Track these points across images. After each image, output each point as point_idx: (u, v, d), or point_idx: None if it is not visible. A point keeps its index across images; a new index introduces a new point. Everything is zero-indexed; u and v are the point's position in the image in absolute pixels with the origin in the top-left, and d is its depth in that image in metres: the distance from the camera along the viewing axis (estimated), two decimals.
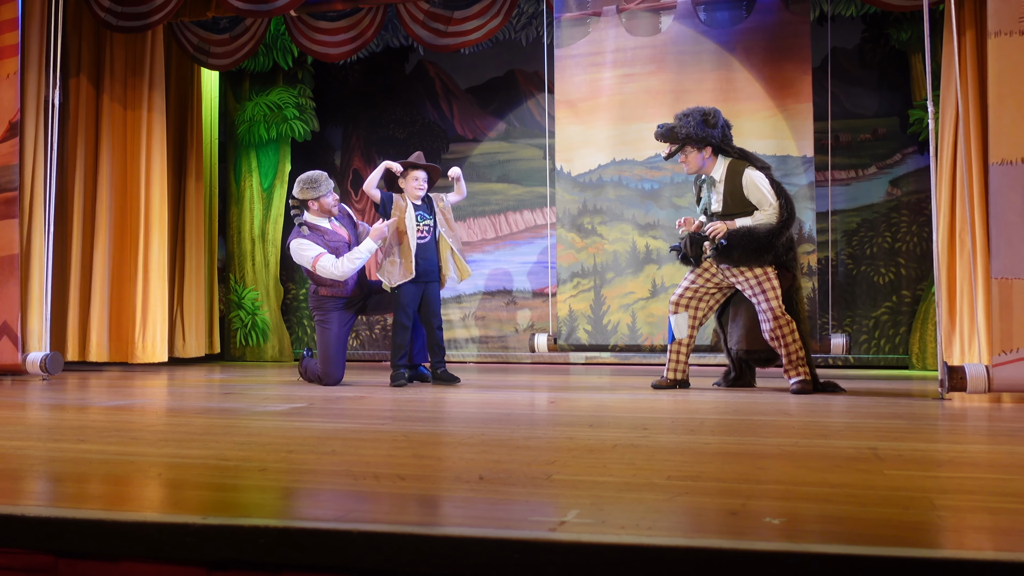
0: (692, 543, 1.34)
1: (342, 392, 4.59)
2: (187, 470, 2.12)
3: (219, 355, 8.22)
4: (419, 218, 5.05)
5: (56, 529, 1.54)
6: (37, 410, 3.80)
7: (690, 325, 4.65)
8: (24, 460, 2.29)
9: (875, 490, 1.87)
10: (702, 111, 4.55)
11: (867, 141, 7.24)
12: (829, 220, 6.72)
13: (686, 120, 4.56)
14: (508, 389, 4.92)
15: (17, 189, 5.73)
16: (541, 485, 1.90)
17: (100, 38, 7.16)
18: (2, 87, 5.80)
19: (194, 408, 3.83)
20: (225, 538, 1.48)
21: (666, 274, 6.07)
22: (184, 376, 6.10)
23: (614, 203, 6.20)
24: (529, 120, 8.04)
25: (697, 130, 4.51)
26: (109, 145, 7.12)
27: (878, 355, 7.11)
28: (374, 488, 1.87)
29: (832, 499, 1.77)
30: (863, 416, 3.44)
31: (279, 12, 6.35)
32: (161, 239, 7.21)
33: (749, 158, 4.55)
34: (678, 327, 4.66)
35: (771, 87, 5.98)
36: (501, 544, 1.38)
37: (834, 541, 1.40)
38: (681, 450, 2.45)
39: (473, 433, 2.87)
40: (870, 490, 1.87)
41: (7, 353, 5.62)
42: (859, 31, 7.27)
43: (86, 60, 7.06)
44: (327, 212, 5.13)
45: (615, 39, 6.28)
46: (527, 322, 7.94)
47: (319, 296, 5.15)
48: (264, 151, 8.37)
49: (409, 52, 8.39)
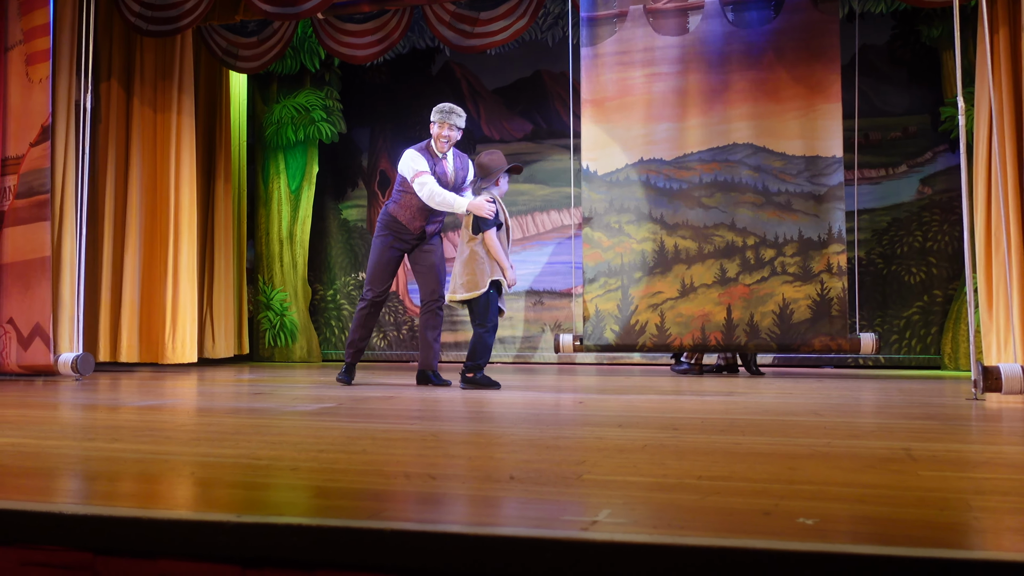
0: (726, 543, 1.33)
1: (370, 392, 4.61)
2: (219, 469, 2.14)
3: (248, 356, 8.29)
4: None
5: (94, 527, 1.56)
6: (70, 410, 3.85)
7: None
8: (60, 459, 2.32)
9: (909, 491, 1.85)
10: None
11: (897, 139, 7.17)
12: (857, 219, 6.66)
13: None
14: (535, 389, 4.92)
15: (49, 192, 5.82)
16: (572, 485, 1.90)
17: (130, 42, 7.24)
18: (34, 92, 5.88)
19: (224, 408, 3.86)
20: (259, 536, 1.49)
21: (695, 274, 6.04)
22: (214, 376, 6.16)
23: (641, 202, 6.18)
24: (556, 120, 8.04)
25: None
26: (139, 148, 7.20)
27: (909, 355, 7.04)
28: (405, 487, 1.88)
29: (866, 500, 1.76)
30: (895, 417, 3.40)
31: (306, 15, 6.39)
32: (191, 241, 7.28)
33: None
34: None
35: (800, 86, 5.93)
36: (533, 543, 1.38)
37: (869, 542, 1.39)
38: (711, 450, 2.44)
39: (502, 433, 2.87)
40: (904, 491, 1.85)
41: (40, 354, 5.70)
42: (888, 28, 7.21)
43: (117, 64, 7.14)
44: (439, 140, 5.09)
45: (642, 39, 6.25)
46: (554, 322, 7.94)
47: (388, 214, 5.16)
48: (292, 153, 8.43)
49: (435, 53, 8.42)
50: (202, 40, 7.64)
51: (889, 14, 7.12)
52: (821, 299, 5.83)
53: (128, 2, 6.73)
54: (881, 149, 7.19)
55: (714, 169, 6.06)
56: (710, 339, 6.01)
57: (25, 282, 5.75)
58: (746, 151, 6.00)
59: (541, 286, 8.01)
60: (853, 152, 6.43)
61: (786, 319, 5.88)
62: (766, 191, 5.96)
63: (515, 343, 8.01)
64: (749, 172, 5.99)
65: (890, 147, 7.19)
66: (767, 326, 5.90)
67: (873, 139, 7.16)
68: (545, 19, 7.97)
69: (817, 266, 5.85)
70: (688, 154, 6.12)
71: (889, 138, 7.19)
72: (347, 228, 8.66)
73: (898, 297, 7.10)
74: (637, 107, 6.25)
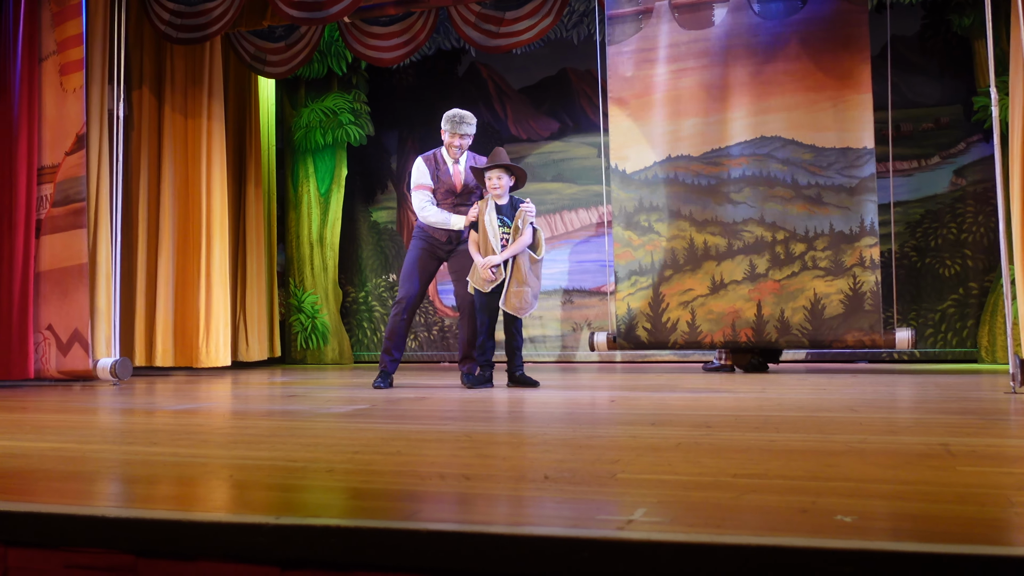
0: (764, 541, 1.33)
1: (403, 393, 4.64)
2: (256, 471, 2.16)
3: (280, 359, 8.36)
4: (500, 222, 4.85)
5: (135, 529, 1.58)
6: (109, 414, 3.91)
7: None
8: (100, 463, 2.36)
9: (949, 487, 1.83)
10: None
11: (930, 130, 7.08)
12: (892, 212, 6.59)
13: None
14: (567, 388, 4.92)
15: (85, 200, 5.90)
16: (606, 484, 1.90)
17: (161, 50, 7.33)
18: (68, 101, 5.97)
19: (259, 411, 3.90)
20: (297, 538, 1.50)
21: (725, 270, 6.00)
22: (247, 380, 6.22)
23: (670, 200, 6.15)
24: (582, 118, 8.03)
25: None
26: (171, 154, 7.29)
27: (945, 349, 6.95)
28: (440, 488, 1.89)
29: (905, 496, 1.74)
30: (932, 412, 3.36)
31: (333, 19, 6.43)
32: (223, 245, 7.35)
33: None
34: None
35: (829, 78, 5.86)
36: (569, 543, 1.38)
37: (909, 539, 1.38)
38: (746, 448, 2.42)
39: (535, 433, 2.88)
40: (943, 487, 1.83)
41: (79, 359, 5.79)
42: (919, 18, 7.12)
43: (148, 72, 7.24)
44: (450, 149, 5.10)
45: (668, 34, 6.22)
46: (584, 321, 7.93)
47: (420, 223, 5.19)
48: (320, 156, 8.49)
49: (461, 54, 8.44)
50: (231, 46, 7.72)
51: (919, 4, 7.03)
52: (854, 293, 5.76)
53: (158, 10, 6.81)
54: (913, 140, 7.10)
55: (742, 164, 6.01)
56: (740, 336, 5.97)
57: (63, 289, 5.84)
58: (775, 144, 5.95)
59: (571, 285, 8.00)
60: (885, 144, 6.35)
61: (818, 314, 5.82)
62: (796, 184, 5.90)
63: (546, 342, 8.00)
64: (778, 166, 5.94)
65: (922, 138, 7.10)
66: (798, 322, 5.85)
67: (905, 130, 7.07)
68: (570, 17, 7.96)
69: (849, 260, 5.78)
70: (716, 149, 6.08)
71: (921, 129, 7.10)
72: (377, 230, 8.70)
73: (933, 290, 7.01)
74: (664, 104, 6.22)
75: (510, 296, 4.77)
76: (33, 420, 3.61)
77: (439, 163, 5.13)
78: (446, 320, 8.29)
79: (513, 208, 4.88)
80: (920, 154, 7.09)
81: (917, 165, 7.09)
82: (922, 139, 7.09)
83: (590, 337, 6.44)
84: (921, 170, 7.08)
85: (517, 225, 4.82)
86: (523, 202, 4.90)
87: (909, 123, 7.10)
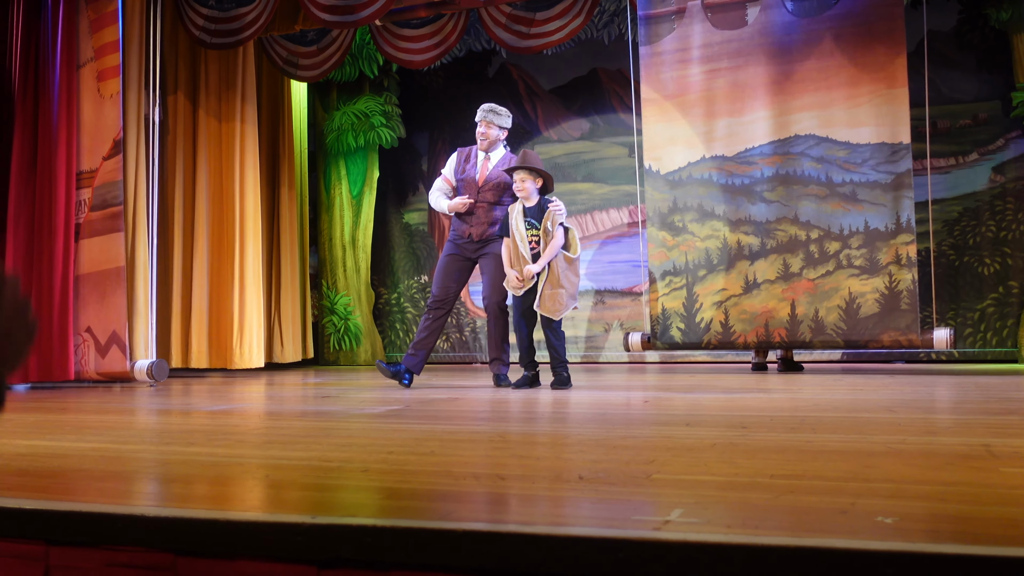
0: (803, 542, 1.31)
1: (436, 394, 4.65)
2: (292, 471, 2.18)
3: (313, 360, 8.41)
4: (528, 224, 4.84)
5: (175, 528, 1.60)
6: (146, 415, 3.96)
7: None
8: (139, 463, 2.39)
9: (991, 488, 1.80)
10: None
11: (967, 127, 6.97)
12: (929, 210, 6.49)
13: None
14: (600, 389, 4.90)
15: (122, 204, 5.99)
16: (642, 484, 1.89)
17: (195, 56, 7.42)
18: (106, 107, 6.06)
19: (293, 411, 3.93)
20: (334, 537, 1.51)
21: (759, 270, 5.95)
22: (281, 381, 6.27)
23: (704, 199, 6.11)
24: (613, 118, 8.00)
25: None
26: (206, 158, 7.38)
27: (984, 349, 6.83)
28: (475, 488, 1.89)
29: (946, 498, 1.71)
30: (972, 412, 3.31)
31: (364, 22, 6.47)
32: (256, 248, 7.42)
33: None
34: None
35: (864, 74, 5.79)
36: (605, 543, 1.38)
37: (951, 541, 1.35)
38: (782, 448, 2.40)
39: (569, 433, 2.87)
40: (986, 488, 1.80)
41: (116, 361, 5.87)
42: (955, 12, 7.01)
43: (183, 77, 7.32)
44: (478, 138, 5.16)
45: (701, 34, 6.18)
46: (617, 321, 7.90)
47: (453, 220, 5.25)
48: (352, 159, 8.54)
49: (492, 55, 8.45)
50: (263, 51, 7.79)
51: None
52: (890, 292, 5.68)
53: (192, 16, 6.90)
54: (950, 137, 6.99)
55: (776, 162, 5.96)
56: (774, 336, 5.92)
57: (101, 292, 5.93)
58: (809, 142, 5.89)
59: (603, 285, 7.98)
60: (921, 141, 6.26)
61: (853, 314, 5.75)
62: (830, 182, 5.84)
63: (579, 342, 7.99)
64: (812, 163, 5.87)
65: (959, 135, 6.98)
66: (833, 321, 5.78)
67: (942, 127, 6.97)
68: (601, 17, 7.94)
69: (885, 258, 5.70)
70: (749, 148, 6.03)
71: (958, 126, 6.99)
72: (409, 232, 8.73)
73: (971, 289, 6.89)
74: (697, 104, 6.18)
75: (544, 299, 4.77)
76: (74, 421, 3.67)
77: (470, 157, 5.20)
78: (478, 321, 8.30)
79: (541, 210, 4.84)
80: (958, 151, 6.98)
81: (955, 162, 6.98)
82: (959, 136, 6.98)
83: (625, 337, 6.42)
84: (959, 167, 6.97)
85: (546, 227, 4.79)
86: (551, 202, 4.87)
87: (946, 120, 6.99)
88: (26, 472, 2.22)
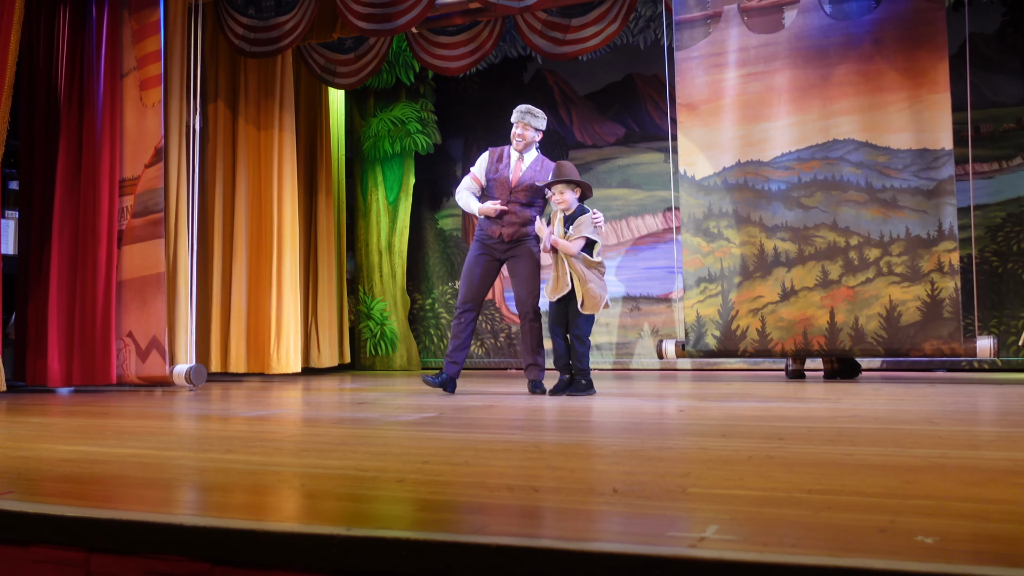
0: (841, 562, 1.29)
1: (470, 401, 4.65)
2: (328, 480, 2.19)
3: (349, 365, 8.47)
4: (567, 233, 4.87)
5: (212, 537, 1.62)
6: (185, 420, 4.01)
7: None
8: (178, 470, 2.42)
9: None
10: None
11: (1011, 131, 6.84)
12: (972, 215, 6.37)
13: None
14: (635, 397, 4.88)
15: (163, 211, 6.08)
16: (676, 498, 1.87)
17: (235, 64, 7.52)
18: (148, 116, 6.17)
19: (330, 418, 3.96)
20: (367, 549, 1.52)
21: (795, 277, 5.89)
22: (318, 386, 6.32)
23: (740, 205, 6.06)
24: (649, 124, 7.97)
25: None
26: (245, 165, 7.47)
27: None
28: (508, 500, 1.89)
29: (989, 517, 1.68)
30: (1017, 424, 3.24)
31: (401, 30, 6.52)
32: (293, 254, 7.50)
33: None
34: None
35: (905, 78, 5.70)
36: (640, 560, 1.37)
37: (994, 563, 1.32)
38: (820, 462, 2.37)
39: (604, 444, 2.86)
40: None
41: (157, 366, 5.96)
42: (999, 15, 6.89)
43: (223, 85, 7.43)
44: (513, 139, 5.16)
45: (737, 38, 6.14)
46: (651, 328, 7.86)
47: (481, 219, 5.22)
48: (389, 165, 8.60)
49: (527, 61, 8.46)
50: (301, 59, 7.87)
51: (999, 0, 6.81)
52: (932, 300, 5.59)
53: (232, 26, 6.99)
54: (993, 141, 6.87)
55: (813, 168, 5.89)
56: (813, 344, 5.85)
57: (142, 297, 6.03)
58: (848, 147, 5.81)
59: (637, 291, 7.94)
60: (964, 146, 6.16)
61: (894, 322, 5.66)
62: (870, 188, 5.76)
63: (612, 349, 7.96)
64: (851, 169, 5.80)
65: (1003, 139, 6.86)
66: (873, 329, 5.70)
67: (984, 131, 6.85)
68: (636, 22, 7.91)
69: (927, 265, 5.61)
70: (786, 153, 5.97)
71: (1002, 130, 6.86)
72: (443, 238, 8.77)
73: (1016, 296, 6.76)
74: (733, 109, 6.13)
75: (585, 300, 4.79)
76: (115, 426, 3.73)
77: (503, 157, 5.18)
78: (512, 327, 8.30)
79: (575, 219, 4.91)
80: (1001, 155, 6.86)
81: (998, 167, 6.86)
82: (1003, 140, 6.86)
83: (658, 345, 6.38)
84: (1002, 172, 6.85)
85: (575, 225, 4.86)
86: (586, 212, 4.88)
87: (989, 123, 6.87)
88: (68, 478, 2.26)
